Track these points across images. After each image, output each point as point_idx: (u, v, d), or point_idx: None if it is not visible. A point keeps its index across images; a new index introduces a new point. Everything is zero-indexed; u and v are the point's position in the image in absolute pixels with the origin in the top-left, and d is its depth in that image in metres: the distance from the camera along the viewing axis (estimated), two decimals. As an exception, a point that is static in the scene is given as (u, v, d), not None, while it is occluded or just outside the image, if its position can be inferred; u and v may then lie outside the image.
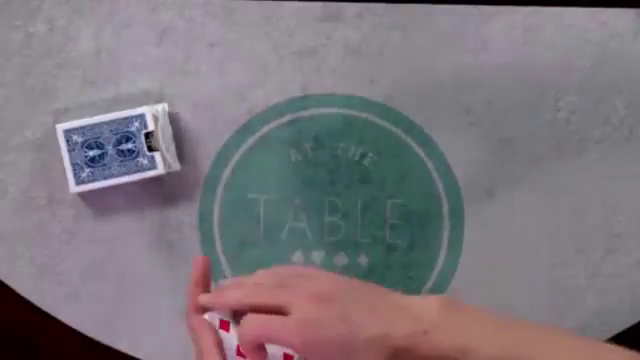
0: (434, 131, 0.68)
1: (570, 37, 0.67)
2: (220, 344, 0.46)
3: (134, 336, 0.68)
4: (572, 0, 0.67)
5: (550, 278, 0.68)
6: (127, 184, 0.65)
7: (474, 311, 0.46)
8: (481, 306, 0.46)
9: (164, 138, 0.65)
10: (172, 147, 0.66)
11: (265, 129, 0.68)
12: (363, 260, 0.68)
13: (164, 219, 0.68)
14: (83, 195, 0.67)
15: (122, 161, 0.65)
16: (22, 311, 0.68)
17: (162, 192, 0.68)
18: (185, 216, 0.68)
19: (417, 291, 0.68)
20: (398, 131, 0.68)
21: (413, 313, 0.44)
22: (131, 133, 0.65)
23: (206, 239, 0.68)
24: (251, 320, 0.44)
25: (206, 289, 0.49)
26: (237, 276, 0.67)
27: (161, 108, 0.66)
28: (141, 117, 0.65)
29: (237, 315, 0.47)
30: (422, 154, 0.68)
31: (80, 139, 0.65)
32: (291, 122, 0.68)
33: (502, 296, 0.68)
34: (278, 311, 0.44)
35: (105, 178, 0.65)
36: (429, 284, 0.68)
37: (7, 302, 0.68)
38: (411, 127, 0.68)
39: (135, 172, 0.65)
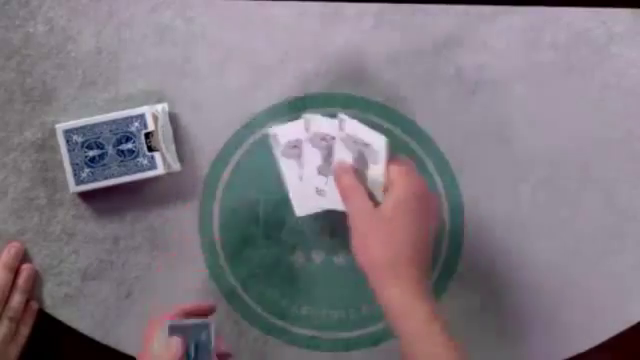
0: (434, 131, 0.68)
1: (570, 37, 0.67)
2: None
3: (134, 336, 0.68)
4: (572, 0, 0.67)
5: (549, 278, 0.68)
6: (127, 184, 0.65)
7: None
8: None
9: (164, 138, 0.65)
10: (172, 147, 0.66)
11: (265, 129, 0.68)
12: (363, 260, 0.68)
13: (164, 219, 0.68)
14: (83, 195, 0.67)
15: (122, 161, 0.65)
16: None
17: (162, 192, 0.68)
18: (185, 216, 0.68)
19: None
20: (398, 131, 0.68)
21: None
22: (131, 133, 0.65)
23: (206, 239, 0.68)
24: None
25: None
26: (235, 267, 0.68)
27: (161, 108, 0.66)
28: (141, 117, 0.65)
29: None
30: (422, 154, 0.68)
31: (80, 139, 0.65)
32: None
33: (501, 296, 0.68)
34: None
35: (105, 178, 0.65)
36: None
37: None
38: (411, 127, 0.68)
39: (135, 172, 0.65)
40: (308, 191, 0.62)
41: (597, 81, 0.68)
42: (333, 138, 0.60)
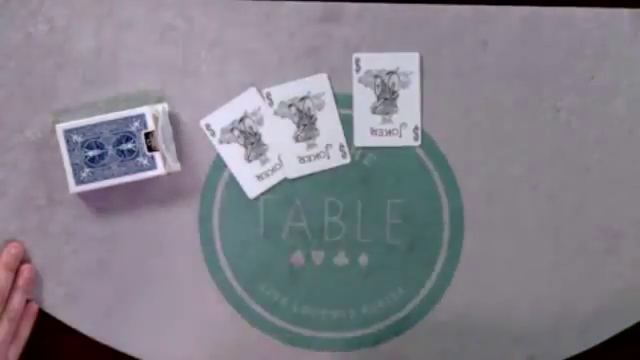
0: (434, 131, 0.68)
1: (570, 37, 0.67)
2: None
3: (134, 336, 0.68)
4: (572, 0, 0.67)
5: (550, 278, 0.68)
6: (127, 184, 0.65)
7: None
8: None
9: (164, 138, 0.65)
10: (172, 147, 0.66)
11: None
12: (363, 260, 0.68)
13: (164, 219, 0.68)
14: (83, 195, 0.67)
15: (122, 161, 0.65)
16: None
17: (162, 192, 0.68)
18: (185, 216, 0.68)
19: (416, 291, 0.68)
20: (398, 131, 0.68)
21: None
22: (131, 133, 0.65)
23: (206, 239, 0.68)
24: None
25: None
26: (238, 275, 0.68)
27: (161, 108, 0.66)
28: (141, 117, 0.65)
29: None
30: (422, 154, 0.68)
31: (80, 139, 0.65)
32: (291, 122, 0.68)
33: (501, 297, 0.68)
34: None
35: (105, 178, 0.65)
36: (429, 284, 0.68)
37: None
38: (411, 127, 0.68)
39: (135, 172, 0.65)
40: (267, 167, 0.65)
41: (597, 81, 0.68)
42: (302, 99, 0.59)
